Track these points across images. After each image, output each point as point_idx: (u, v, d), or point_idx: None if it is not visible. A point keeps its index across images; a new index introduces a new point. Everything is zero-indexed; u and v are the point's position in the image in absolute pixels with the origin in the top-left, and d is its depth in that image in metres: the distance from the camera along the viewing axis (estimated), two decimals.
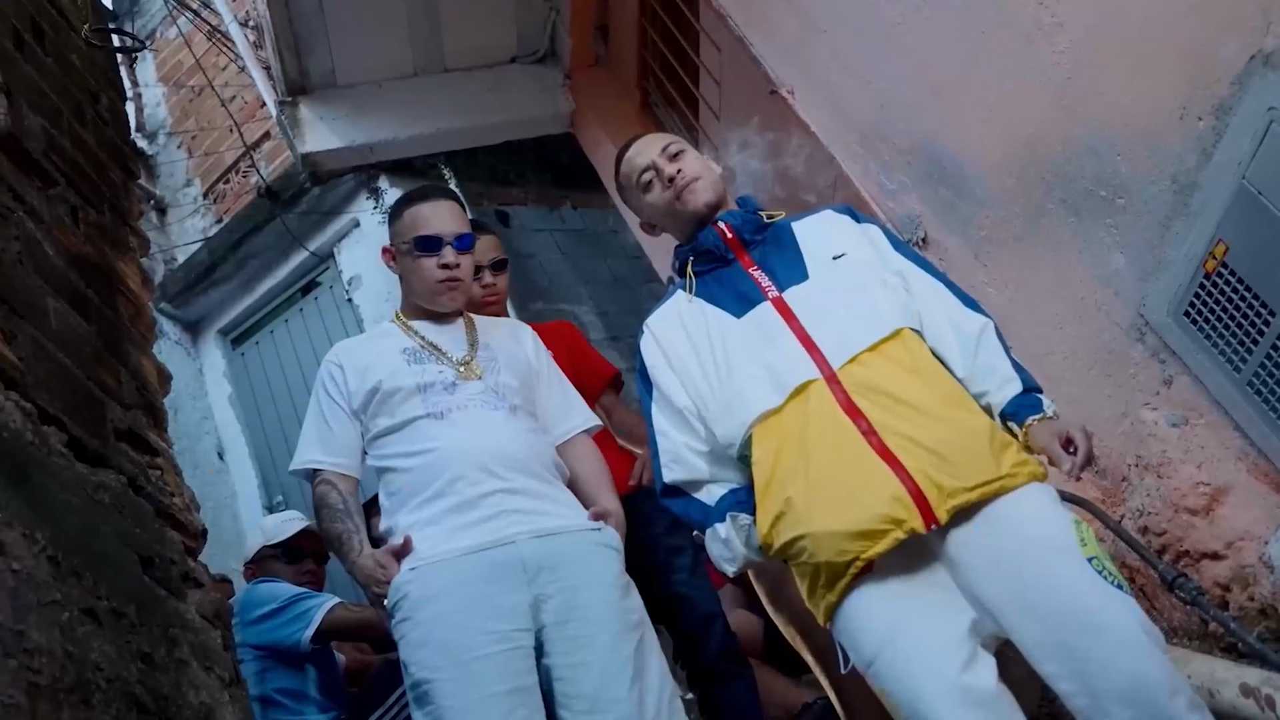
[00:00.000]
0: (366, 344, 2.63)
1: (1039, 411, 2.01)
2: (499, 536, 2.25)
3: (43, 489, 2.02)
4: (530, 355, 2.67)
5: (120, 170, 3.29)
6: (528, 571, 2.23)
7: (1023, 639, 1.86)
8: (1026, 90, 2.65)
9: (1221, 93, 2.18)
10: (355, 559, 2.33)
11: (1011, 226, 2.84)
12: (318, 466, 2.48)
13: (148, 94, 7.87)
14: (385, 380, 2.46)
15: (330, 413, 2.52)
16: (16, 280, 2.33)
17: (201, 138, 7.44)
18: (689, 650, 2.78)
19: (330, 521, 2.42)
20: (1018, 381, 2.06)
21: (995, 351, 2.10)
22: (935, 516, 1.89)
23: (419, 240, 2.55)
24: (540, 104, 5.31)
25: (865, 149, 3.34)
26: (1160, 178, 2.37)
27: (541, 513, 2.33)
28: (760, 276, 2.22)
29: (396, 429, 2.43)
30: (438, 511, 2.30)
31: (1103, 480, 2.76)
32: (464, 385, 2.45)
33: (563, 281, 6.73)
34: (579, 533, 2.35)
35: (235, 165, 7.13)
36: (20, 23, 2.96)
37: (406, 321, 2.62)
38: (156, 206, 7.34)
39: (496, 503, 2.29)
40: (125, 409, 2.60)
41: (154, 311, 6.55)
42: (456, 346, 2.55)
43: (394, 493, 2.40)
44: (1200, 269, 2.33)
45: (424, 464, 2.35)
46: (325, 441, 2.50)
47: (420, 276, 2.57)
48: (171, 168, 7.59)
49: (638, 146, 2.40)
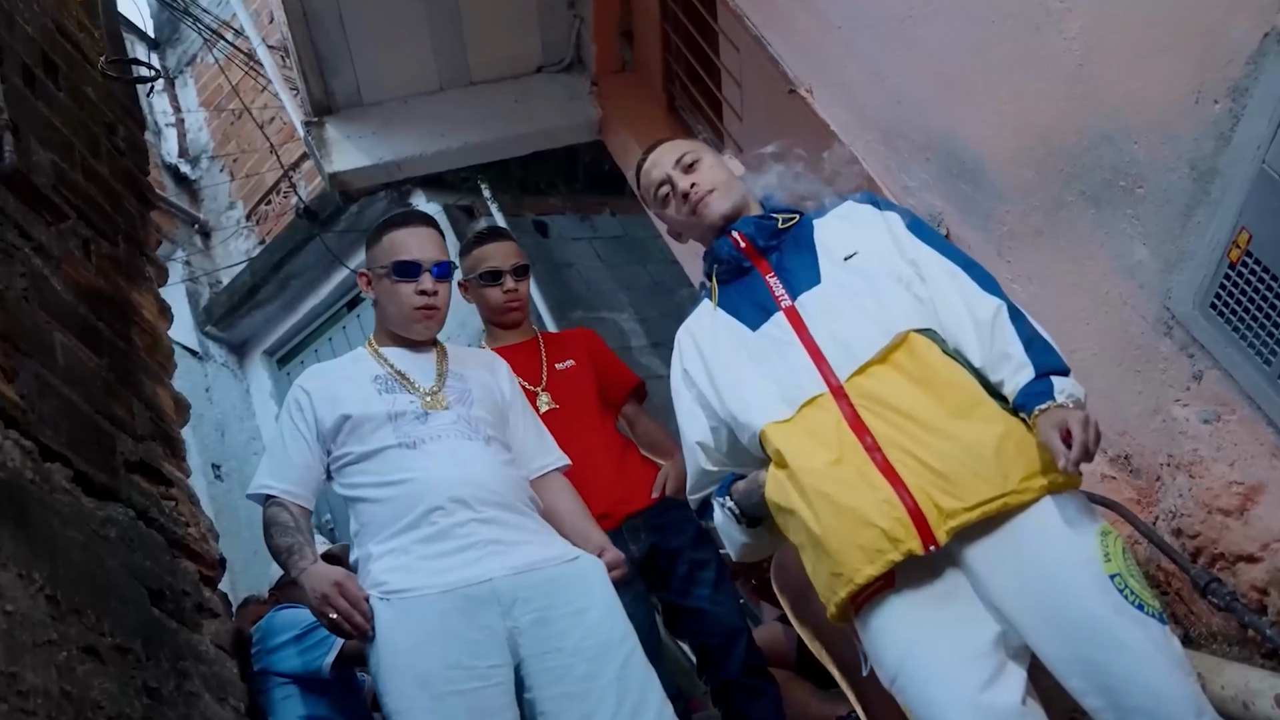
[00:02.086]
0: (337, 371, 2.61)
1: (1047, 399, 1.89)
2: (475, 574, 2.22)
3: (43, 527, 2.02)
4: (505, 389, 2.66)
5: (136, 200, 3.31)
6: (502, 604, 2.21)
7: (1045, 654, 1.81)
8: (1037, 80, 2.56)
9: (1235, 74, 2.08)
10: (306, 566, 2.30)
11: (1032, 220, 2.75)
12: (271, 493, 2.47)
13: (190, 119, 7.97)
14: (355, 408, 2.44)
15: (292, 441, 2.50)
16: (22, 317, 2.34)
17: (243, 160, 7.52)
18: (712, 666, 2.73)
19: (280, 536, 2.40)
20: (1030, 367, 1.95)
21: (1008, 336, 2.00)
22: (934, 538, 1.84)
23: (397, 266, 2.52)
24: (568, 112, 5.27)
25: (886, 146, 3.26)
26: (1178, 165, 2.28)
27: (517, 545, 2.31)
28: (775, 284, 2.18)
29: (366, 457, 2.41)
30: (411, 541, 2.27)
31: (1137, 480, 2.66)
32: (434, 415, 2.42)
33: (601, 289, 6.71)
34: (555, 565, 2.32)
35: (275, 186, 7.20)
36: (31, 58, 2.99)
37: (378, 349, 2.59)
38: (200, 230, 7.44)
39: (470, 533, 2.27)
40: (137, 441, 2.61)
41: (199, 334, 6.67)
42: (425, 376, 2.52)
43: (366, 522, 2.38)
44: (1224, 259, 2.23)
45: (398, 494, 2.32)
46: (283, 470, 2.49)
47: (397, 303, 2.55)
48: (215, 191, 7.68)
49: (653, 158, 2.36)
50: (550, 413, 2.95)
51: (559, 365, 3.07)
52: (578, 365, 3.10)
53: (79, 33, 3.48)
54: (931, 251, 2.15)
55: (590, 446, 2.91)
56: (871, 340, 2.02)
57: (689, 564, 2.78)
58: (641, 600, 2.81)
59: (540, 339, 3.16)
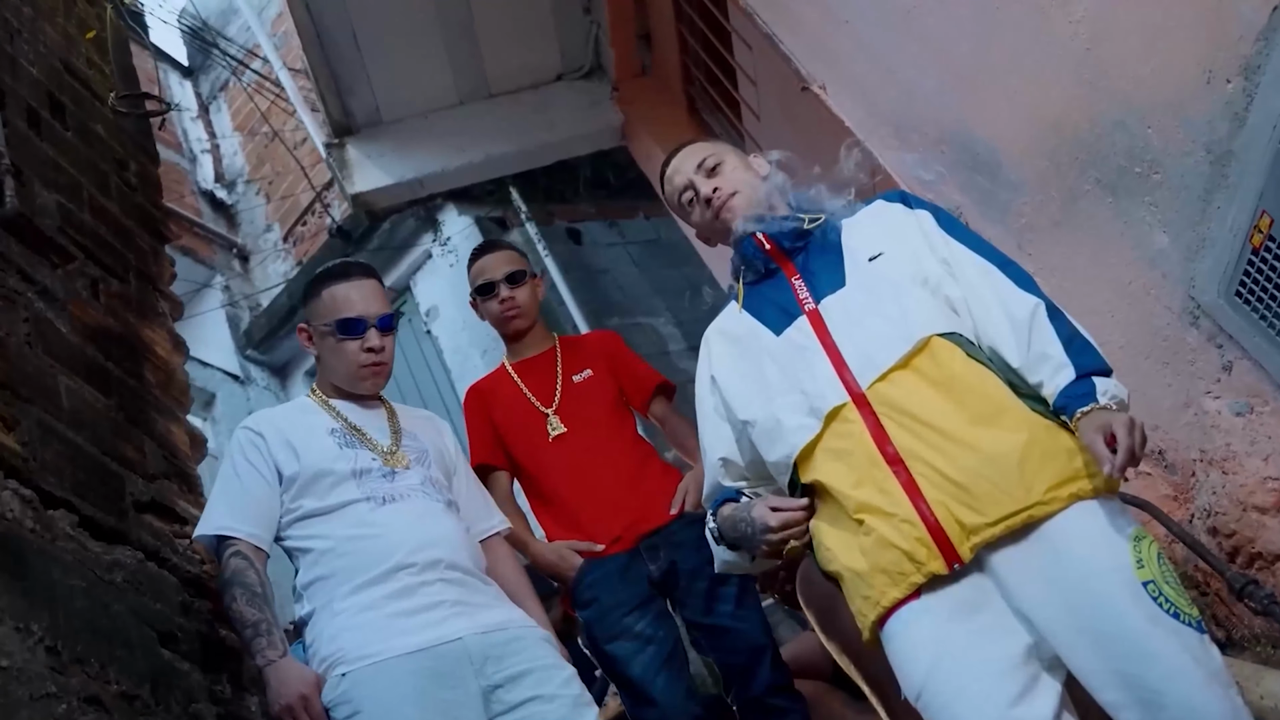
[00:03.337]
0: (288, 419, 2.47)
1: (1090, 401, 1.80)
2: (444, 633, 2.16)
3: (43, 577, 2.01)
4: (450, 449, 2.60)
5: (149, 235, 3.31)
6: (474, 663, 2.14)
7: (1078, 667, 1.72)
8: (1046, 67, 2.47)
9: (1246, 51, 1.99)
10: (274, 659, 2.12)
11: (1049, 211, 2.66)
12: (231, 534, 2.25)
13: (225, 144, 8.04)
14: (314, 461, 2.33)
15: (248, 478, 2.32)
16: (24, 364, 2.34)
17: (278, 182, 7.57)
18: (737, 685, 2.67)
19: (246, 604, 2.17)
20: (1070, 368, 1.86)
21: (1046, 336, 1.91)
22: (958, 555, 1.77)
23: (340, 324, 2.43)
24: (590, 119, 5.21)
25: (900, 140, 3.18)
26: (1194, 149, 2.18)
27: (482, 607, 2.26)
28: (800, 287, 2.12)
29: (327, 512, 2.29)
30: (377, 597, 2.18)
31: (1172, 476, 2.56)
32: (401, 474, 2.36)
33: (636, 294, 6.66)
34: (519, 627, 2.28)
35: (310, 208, 7.23)
36: (37, 100, 3.00)
37: (326, 399, 2.49)
38: (239, 254, 7.48)
39: (438, 593, 2.21)
40: (149, 480, 2.60)
41: (240, 358, 6.71)
42: (380, 434, 2.44)
43: (325, 575, 2.24)
44: (1246, 244, 2.13)
45: (365, 548, 2.23)
46: (242, 509, 2.29)
47: (343, 360, 2.45)
48: (252, 214, 7.74)
49: (675, 164, 2.31)
50: (559, 438, 2.90)
51: (576, 377, 2.99)
52: (595, 375, 3.02)
53: (88, 70, 3.49)
54: (965, 250, 2.07)
55: (598, 470, 2.85)
56: (893, 346, 1.95)
57: (709, 581, 2.71)
58: (664, 619, 2.75)
59: (558, 347, 3.08)
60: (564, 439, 2.89)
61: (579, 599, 2.77)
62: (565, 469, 2.87)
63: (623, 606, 2.71)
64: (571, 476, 2.85)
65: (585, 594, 2.76)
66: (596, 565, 2.77)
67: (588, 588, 2.76)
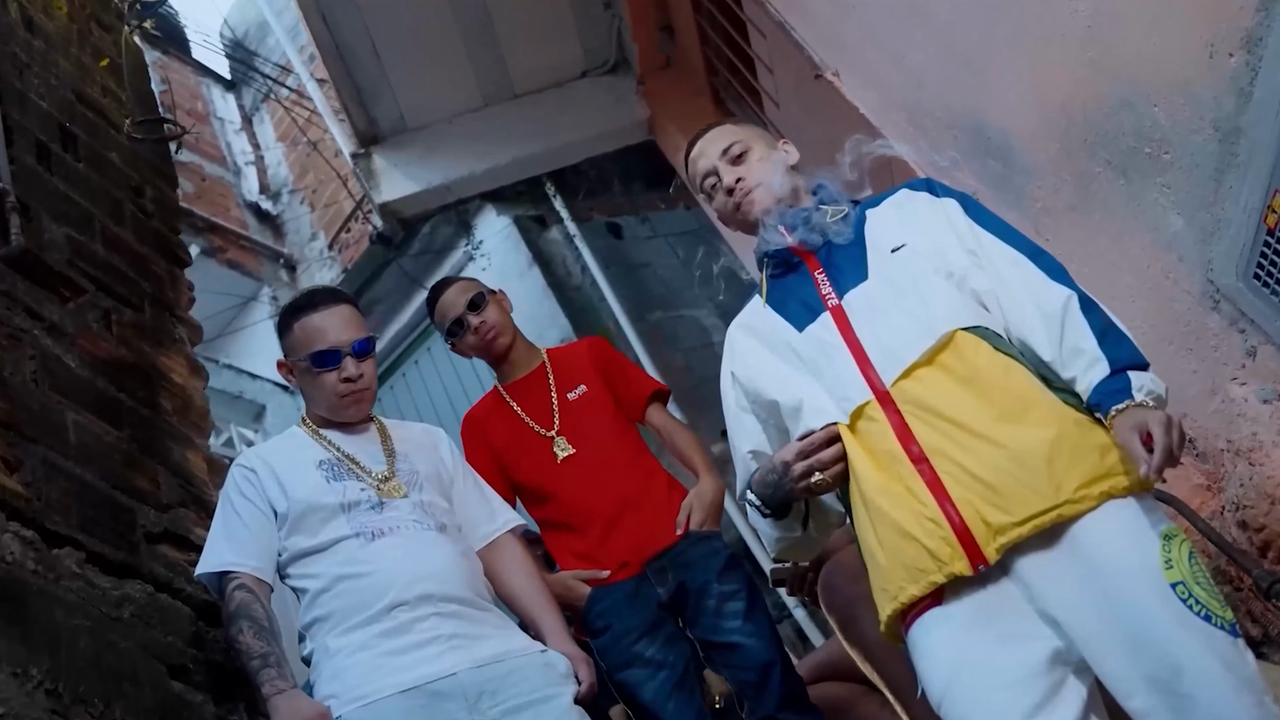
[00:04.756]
0: (278, 452, 2.45)
1: (1125, 398, 1.72)
2: (438, 669, 2.13)
3: (43, 619, 2.01)
4: (447, 462, 2.54)
5: (166, 261, 3.32)
6: (468, 698, 2.10)
7: (1105, 671, 1.66)
8: (1050, 47, 2.39)
9: (1247, 23, 1.90)
10: (282, 691, 2.10)
11: (1064, 195, 2.57)
12: (234, 569, 2.24)
13: (269, 155, 8.10)
14: (304, 497, 2.30)
15: (247, 513, 2.31)
16: (29, 402, 2.35)
17: (321, 190, 7.61)
18: (750, 701, 2.61)
19: (254, 638, 2.16)
20: (1104, 363, 1.78)
21: (1079, 329, 1.83)
22: (983, 556, 1.71)
23: (314, 357, 2.39)
24: (617, 115, 5.19)
25: (914, 126, 3.10)
26: (1202, 126, 2.09)
27: (480, 639, 2.21)
28: (823, 281, 2.05)
29: (319, 550, 2.27)
30: (371, 636, 2.15)
31: (1204, 464, 2.47)
32: (391, 505, 2.32)
33: (677, 286, 6.59)
34: (519, 657, 2.22)
35: (354, 214, 7.26)
36: (46, 133, 3.01)
37: (316, 429, 2.47)
38: (286, 264, 7.54)
39: (433, 627, 2.17)
40: (162, 510, 2.60)
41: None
42: (374, 460, 2.41)
43: (322, 616, 2.23)
44: (1261, 225, 2.03)
45: (357, 588, 2.20)
46: (243, 544, 2.27)
47: (323, 392, 2.42)
48: (297, 223, 7.79)
49: (700, 146, 2.26)
50: (568, 459, 2.85)
51: (570, 395, 2.93)
52: (590, 390, 2.96)
53: (103, 98, 3.51)
54: (994, 239, 1.98)
55: (606, 492, 2.80)
56: (916, 341, 1.89)
57: (716, 597, 2.66)
58: (675, 642, 2.70)
59: (547, 364, 3.02)
60: (573, 460, 2.84)
61: (591, 627, 2.72)
62: (573, 491, 2.82)
63: (633, 633, 2.67)
64: (579, 499, 2.81)
65: (597, 622, 2.71)
66: (605, 593, 2.72)
67: (598, 616, 2.71)
